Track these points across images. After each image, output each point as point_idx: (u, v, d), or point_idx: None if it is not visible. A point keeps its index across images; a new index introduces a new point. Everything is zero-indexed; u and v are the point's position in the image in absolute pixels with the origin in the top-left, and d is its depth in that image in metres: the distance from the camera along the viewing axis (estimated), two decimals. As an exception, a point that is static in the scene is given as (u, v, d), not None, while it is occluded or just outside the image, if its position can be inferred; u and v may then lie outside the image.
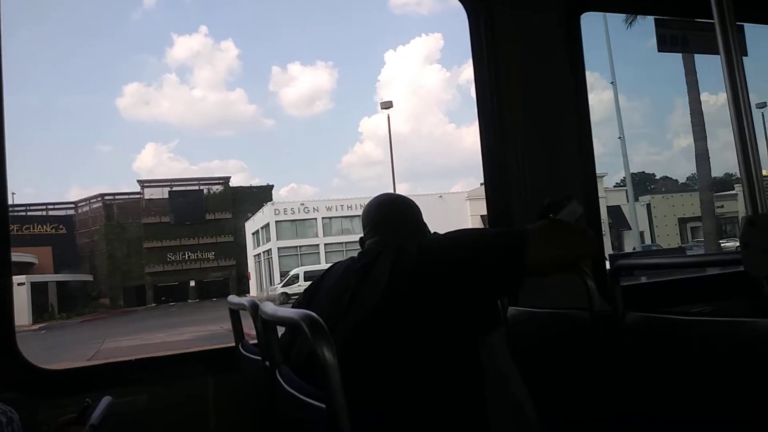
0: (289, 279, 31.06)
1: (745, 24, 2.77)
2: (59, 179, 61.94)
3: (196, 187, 46.39)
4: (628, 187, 23.09)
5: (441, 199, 33.78)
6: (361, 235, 1.77)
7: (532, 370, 1.70)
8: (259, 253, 39.84)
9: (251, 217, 41.35)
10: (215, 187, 46.64)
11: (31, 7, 46.42)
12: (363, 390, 1.27)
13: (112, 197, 45.94)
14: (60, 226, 43.25)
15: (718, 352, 1.39)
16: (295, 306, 1.65)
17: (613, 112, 22.37)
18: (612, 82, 21.67)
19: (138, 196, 45.44)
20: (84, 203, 46.18)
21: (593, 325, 1.65)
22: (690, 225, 36.59)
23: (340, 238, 36.12)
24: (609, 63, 21.32)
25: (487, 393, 1.49)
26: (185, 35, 70.04)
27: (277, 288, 30.72)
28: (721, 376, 1.38)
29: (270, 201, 40.40)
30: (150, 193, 45.35)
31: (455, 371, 1.44)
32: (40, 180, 57.64)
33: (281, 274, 34.45)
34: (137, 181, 46.71)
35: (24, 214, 42.25)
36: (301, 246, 36.80)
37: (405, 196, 1.80)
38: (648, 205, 38.83)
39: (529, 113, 2.42)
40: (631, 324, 1.60)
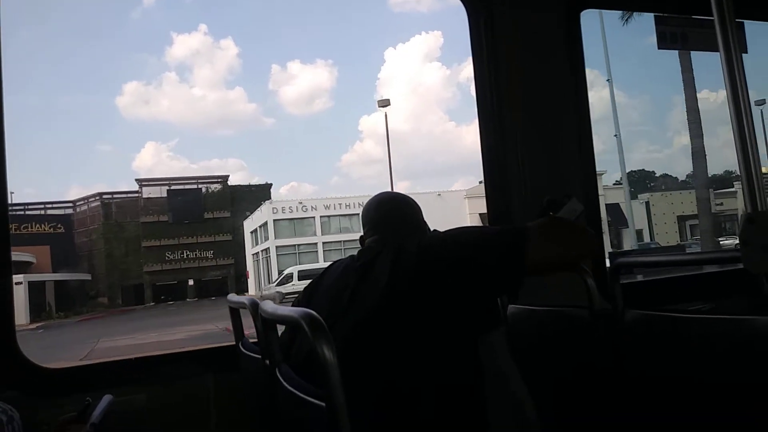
0: (282, 278, 30.83)
1: (744, 21, 2.78)
2: (59, 179, 62.02)
3: (195, 186, 46.33)
4: (624, 185, 23.14)
5: (439, 197, 33.77)
6: (360, 234, 1.77)
7: (531, 369, 1.70)
8: (258, 251, 39.79)
9: (249, 215, 41.29)
10: (214, 186, 46.58)
11: (31, 6, 46.40)
12: (363, 388, 1.26)
13: (111, 196, 45.88)
14: (58, 225, 43.19)
15: (717, 350, 1.39)
16: (295, 304, 1.65)
17: (612, 109, 22.37)
18: (608, 80, 21.67)
19: (136, 195, 45.39)
20: (82, 202, 46.12)
21: (593, 323, 1.65)
22: (689, 223, 36.57)
23: (339, 237, 36.07)
24: (606, 61, 21.31)
25: (486, 391, 1.49)
26: (185, 34, 70.09)
27: (271, 287, 30.36)
28: (720, 373, 1.38)
29: (268, 200, 40.35)
30: (148, 191, 45.28)
31: (455, 370, 1.44)
32: (40, 180, 57.66)
33: (279, 272, 34.19)
34: (135, 180, 46.72)
35: (22, 213, 42.19)
36: (299, 245, 36.73)
37: (405, 195, 1.79)
38: (647, 202, 38.84)
39: (529, 112, 2.41)
40: (630, 322, 1.60)
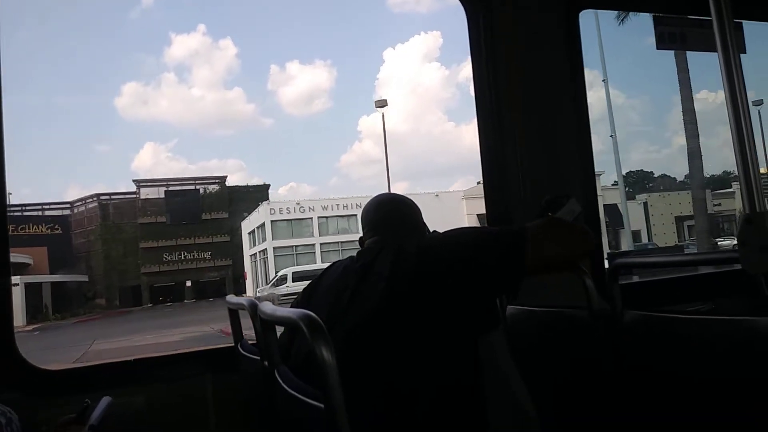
0: (276, 280, 30.43)
1: (743, 21, 2.78)
2: (57, 179, 61.86)
3: (192, 187, 46.27)
4: (620, 186, 23.09)
5: (437, 198, 33.71)
6: (359, 235, 1.77)
7: (531, 369, 1.70)
8: (255, 252, 39.72)
9: (247, 216, 41.24)
10: (211, 187, 46.52)
11: (29, 6, 46.28)
12: (362, 389, 1.26)
13: (108, 197, 45.80)
14: (56, 227, 43.09)
15: (716, 351, 1.39)
16: (294, 305, 1.65)
17: (612, 109, 22.34)
18: (603, 80, 21.65)
19: (134, 196, 45.32)
20: (80, 203, 46.03)
21: (592, 324, 1.65)
22: (687, 223, 36.52)
23: (336, 238, 36.01)
24: (601, 60, 21.28)
25: (486, 392, 1.49)
26: (183, 34, 69.67)
27: (265, 289, 29.95)
28: (720, 374, 1.38)
29: (266, 200, 40.31)
30: (146, 192, 45.22)
31: (455, 370, 1.44)
32: (38, 180, 57.49)
33: (276, 273, 34.15)
34: (133, 180, 46.64)
35: (20, 214, 42.09)
36: (296, 246, 36.65)
37: (404, 196, 1.80)
38: (645, 203, 38.84)
39: (528, 112, 2.41)
40: (629, 323, 1.60)
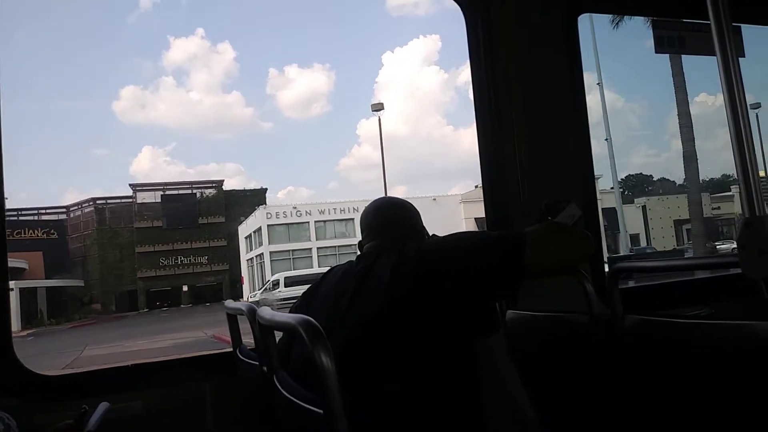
0: (268, 285, 30.38)
1: (742, 25, 2.78)
2: (55, 184, 61.64)
3: (189, 191, 46.21)
4: (615, 190, 23.11)
5: (435, 201, 33.71)
6: (357, 239, 1.77)
7: (531, 374, 1.69)
8: (252, 257, 39.67)
9: (244, 221, 41.18)
10: (208, 191, 46.45)
11: (27, 11, 46.22)
12: (362, 393, 1.26)
13: (104, 201, 45.70)
14: (51, 231, 42.93)
15: (717, 355, 1.39)
16: (293, 310, 1.64)
17: (610, 113, 22.41)
18: (598, 83, 21.70)
19: (130, 201, 45.22)
20: (76, 208, 45.95)
21: (592, 328, 1.64)
22: (685, 227, 36.59)
23: (333, 242, 36.00)
24: (596, 63, 21.36)
25: (486, 397, 1.48)
26: (182, 38, 69.59)
27: (257, 294, 29.68)
28: (720, 379, 1.38)
29: (263, 204, 40.26)
30: (142, 197, 45.14)
31: (454, 374, 1.44)
32: (36, 185, 57.26)
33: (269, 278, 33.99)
34: (129, 185, 46.49)
35: (15, 218, 41.94)
36: (293, 250, 36.60)
37: (403, 200, 1.79)
38: (643, 207, 38.90)
39: (527, 115, 2.41)
40: (630, 327, 1.59)
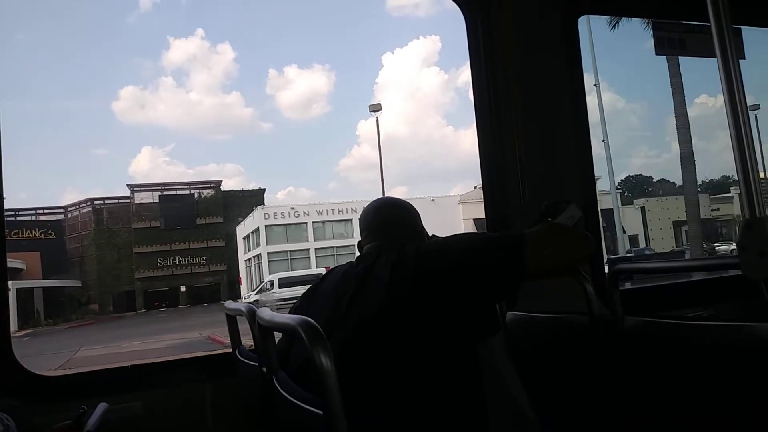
0: (262, 286, 30.47)
1: (742, 27, 2.78)
2: (55, 184, 61.48)
3: (187, 192, 46.14)
4: (612, 191, 23.14)
5: (433, 202, 33.70)
6: (355, 240, 1.77)
7: (531, 375, 1.69)
8: (250, 257, 39.64)
9: (242, 221, 41.15)
10: (206, 192, 46.39)
11: (27, 11, 46.12)
12: (362, 394, 1.26)
13: (102, 202, 45.62)
14: (49, 231, 42.89)
15: (717, 357, 1.39)
16: (293, 311, 1.64)
17: (611, 114, 22.45)
18: (595, 84, 21.72)
19: (128, 201, 45.15)
20: (74, 208, 45.85)
21: (592, 329, 1.64)
22: (684, 228, 36.60)
23: (332, 243, 35.98)
24: (593, 65, 21.36)
25: (486, 397, 1.48)
26: (181, 38, 69.01)
27: (251, 295, 29.59)
28: (720, 380, 1.38)
29: (261, 205, 40.22)
30: (140, 197, 45.07)
31: (454, 375, 1.43)
32: (35, 185, 57.08)
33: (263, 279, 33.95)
34: (127, 185, 46.41)
35: (13, 218, 41.84)
36: (291, 251, 36.55)
37: (403, 200, 1.79)
38: (642, 208, 38.89)
39: (527, 116, 2.41)
40: (630, 328, 1.59)
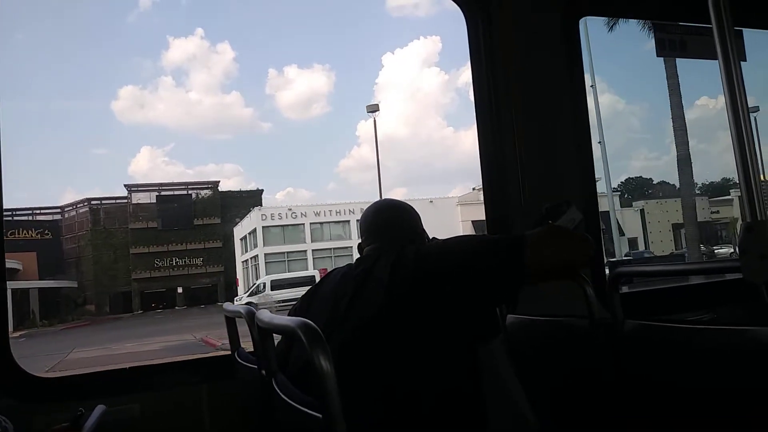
0: (254, 288, 30.42)
1: (744, 29, 2.78)
2: (54, 183, 61.24)
3: (185, 192, 46.03)
4: (608, 194, 23.09)
5: (432, 204, 33.62)
6: (352, 241, 1.76)
7: (531, 378, 1.68)
8: (247, 259, 39.59)
9: (239, 222, 41.10)
10: (204, 192, 46.22)
11: (26, 10, 46.00)
12: (361, 396, 1.25)
13: (99, 202, 45.46)
14: (46, 231, 42.73)
15: (718, 360, 1.39)
16: (293, 312, 1.64)
17: (612, 116, 22.41)
18: (592, 86, 21.68)
19: (125, 201, 45.04)
20: (71, 208, 45.68)
21: (592, 332, 1.64)
22: (683, 231, 36.68)
23: (329, 244, 35.87)
24: (590, 66, 21.34)
25: (486, 400, 1.48)
26: (181, 38, 68.64)
27: (243, 298, 29.36)
28: (721, 384, 1.37)
29: (259, 206, 40.17)
30: (138, 197, 44.93)
31: (454, 377, 1.43)
32: (35, 184, 56.69)
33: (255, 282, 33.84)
34: (124, 185, 46.22)
35: (10, 218, 41.71)
36: (288, 252, 36.51)
37: (404, 202, 1.79)
38: (641, 210, 38.85)
39: (528, 116, 2.41)
40: (630, 332, 1.59)
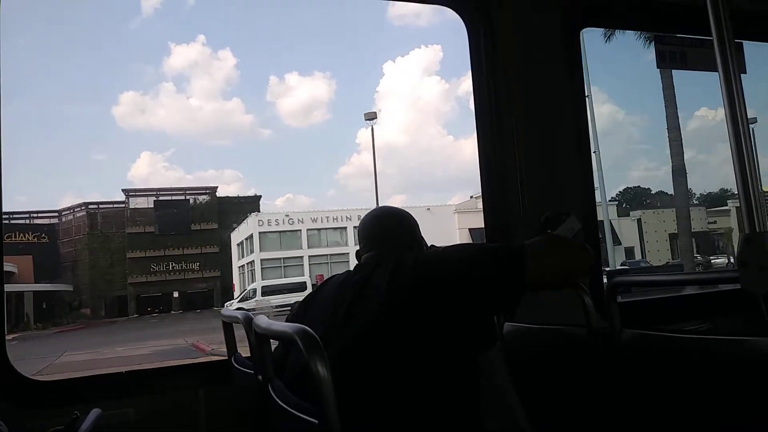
0: (245, 294, 30.51)
1: (744, 42, 2.80)
2: (54, 188, 60.95)
3: (182, 197, 45.99)
4: (603, 204, 23.13)
5: (429, 211, 33.63)
6: (349, 248, 1.76)
7: (529, 387, 1.68)
8: (244, 264, 39.54)
9: (236, 227, 41.06)
10: (201, 197, 46.23)
11: (29, 15, 45.99)
12: (358, 403, 1.25)
13: (97, 206, 45.39)
14: (42, 235, 42.68)
15: (716, 371, 1.39)
16: (290, 318, 1.64)
17: (611, 126, 22.48)
18: (587, 96, 21.72)
19: (122, 206, 44.98)
20: (68, 212, 45.60)
21: (590, 341, 1.64)
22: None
23: (326, 250, 35.85)
24: (586, 76, 21.44)
25: (483, 407, 1.47)
26: (183, 44, 68.72)
27: (234, 303, 29.42)
28: (719, 394, 1.37)
29: (256, 212, 40.16)
30: (135, 202, 44.89)
31: (452, 385, 1.42)
32: (35, 188, 56.51)
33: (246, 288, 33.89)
34: (122, 190, 46.19)
35: (7, 222, 41.66)
36: (284, 258, 36.49)
37: (402, 210, 1.78)
38: (639, 220, 38.89)
39: (528, 125, 2.41)
40: (628, 341, 1.59)
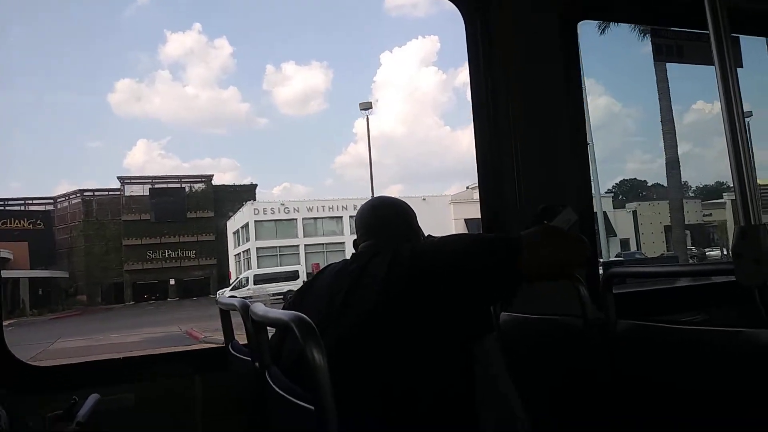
0: (237, 282, 30.56)
1: (740, 36, 2.80)
2: (49, 175, 60.92)
3: (178, 185, 45.86)
4: (596, 195, 23.15)
5: (425, 201, 33.63)
6: (344, 237, 1.76)
7: (524, 377, 1.69)
8: (239, 252, 39.55)
9: (232, 216, 41.02)
10: (197, 186, 46.11)
11: (25, 4, 45.58)
12: (354, 391, 1.26)
13: (92, 193, 45.25)
14: (38, 222, 42.52)
15: (710, 361, 1.40)
16: (287, 306, 1.64)
17: (607, 118, 22.50)
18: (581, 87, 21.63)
19: (118, 193, 44.84)
20: (63, 199, 45.44)
21: (586, 332, 1.65)
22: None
23: (322, 239, 35.87)
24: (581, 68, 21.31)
25: (479, 397, 1.48)
26: (179, 32, 68.64)
27: (226, 292, 29.19)
28: (713, 385, 1.39)
29: (252, 200, 40.12)
30: (131, 189, 44.74)
31: (447, 375, 1.43)
32: (29, 175, 56.56)
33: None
34: (117, 177, 46.05)
35: (2, 208, 41.54)
36: (280, 246, 36.50)
37: (399, 200, 1.78)
38: (634, 212, 38.98)
39: (525, 118, 2.41)
40: (623, 332, 1.60)
